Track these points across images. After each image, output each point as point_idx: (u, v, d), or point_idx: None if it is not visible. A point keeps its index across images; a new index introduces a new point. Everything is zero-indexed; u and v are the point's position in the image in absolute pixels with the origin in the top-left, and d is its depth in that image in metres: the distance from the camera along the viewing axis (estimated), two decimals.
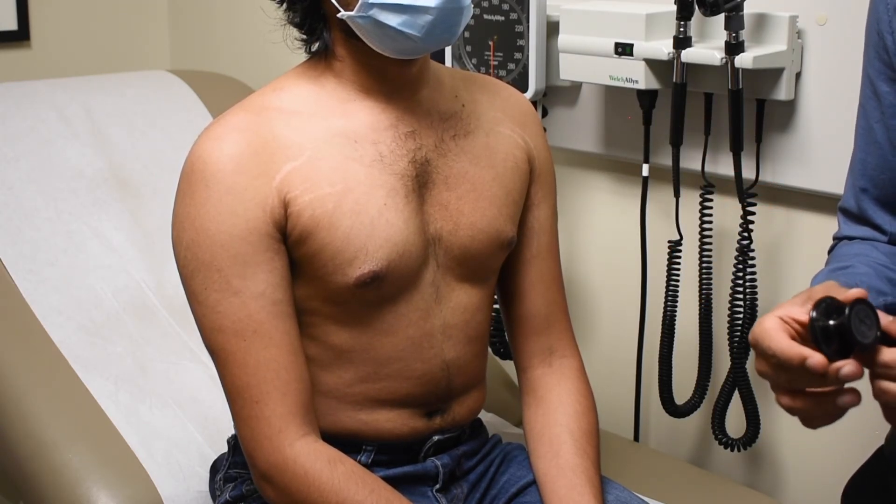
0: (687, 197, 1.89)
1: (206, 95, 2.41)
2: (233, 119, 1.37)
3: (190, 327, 2.03)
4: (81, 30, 2.84)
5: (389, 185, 1.38)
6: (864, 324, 1.04)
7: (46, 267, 2.04)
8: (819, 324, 1.04)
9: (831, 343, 1.04)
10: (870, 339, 1.04)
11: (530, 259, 1.54)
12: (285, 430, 1.35)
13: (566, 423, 1.51)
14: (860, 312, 1.04)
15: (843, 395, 1.07)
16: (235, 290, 1.34)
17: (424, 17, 1.30)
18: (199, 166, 1.34)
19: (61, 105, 2.26)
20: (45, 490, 1.74)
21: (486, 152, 1.47)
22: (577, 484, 1.46)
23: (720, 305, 1.88)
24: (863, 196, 1.36)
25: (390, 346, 1.43)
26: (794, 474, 1.94)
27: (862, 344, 1.04)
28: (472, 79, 1.54)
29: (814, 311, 1.05)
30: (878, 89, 1.32)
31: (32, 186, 2.12)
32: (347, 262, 1.36)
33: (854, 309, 1.03)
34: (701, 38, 1.80)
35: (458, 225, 1.44)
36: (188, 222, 1.35)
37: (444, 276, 1.45)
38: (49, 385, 1.87)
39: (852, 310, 1.03)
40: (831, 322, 1.04)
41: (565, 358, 1.57)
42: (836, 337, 1.04)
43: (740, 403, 1.87)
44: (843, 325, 1.03)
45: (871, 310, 1.05)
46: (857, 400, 1.07)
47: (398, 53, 1.35)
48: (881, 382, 1.06)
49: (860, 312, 1.04)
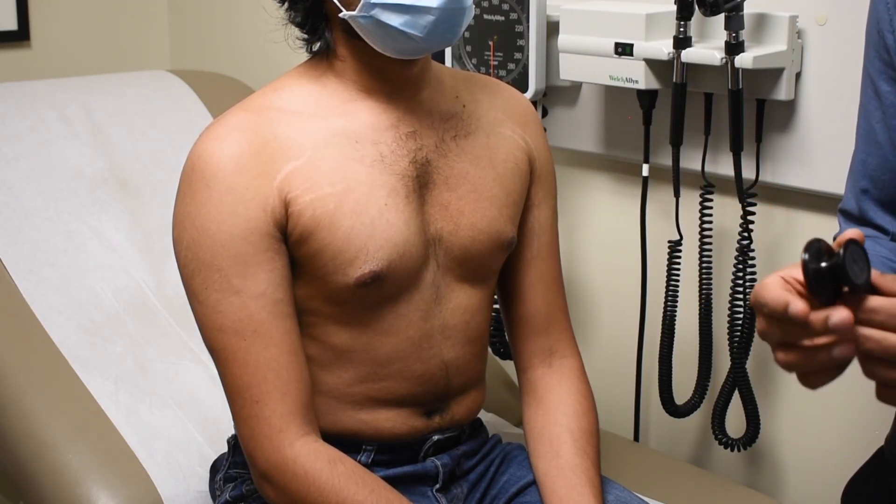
0: (687, 197, 1.89)
1: (206, 95, 2.41)
2: (233, 119, 1.37)
3: (190, 327, 2.03)
4: (81, 30, 2.84)
5: (390, 185, 1.38)
6: (856, 264, 1.01)
7: (46, 267, 2.04)
8: (812, 266, 1.00)
9: (824, 285, 1.01)
10: (862, 280, 1.01)
11: (531, 260, 1.54)
12: (285, 429, 1.35)
13: (566, 423, 1.51)
14: (854, 253, 1.01)
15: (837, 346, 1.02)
16: (236, 289, 1.34)
17: (426, 17, 1.30)
18: (199, 166, 1.34)
19: (61, 105, 2.26)
20: (45, 490, 1.74)
21: (487, 153, 1.47)
22: (577, 484, 1.46)
23: (720, 305, 1.88)
24: (863, 197, 1.36)
25: (390, 347, 1.43)
26: (794, 474, 1.94)
27: (855, 284, 1.00)
28: (473, 79, 1.54)
29: (805, 253, 1.01)
30: (879, 89, 1.31)
31: (32, 186, 2.12)
32: (348, 262, 1.36)
33: (848, 249, 1.00)
34: (701, 38, 1.80)
35: (458, 225, 1.44)
36: (189, 222, 1.35)
37: (445, 277, 1.45)
38: (49, 385, 1.87)
39: (846, 249, 1.00)
40: (823, 263, 1.00)
41: (565, 358, 1.56)
42: (828, 279, 1.00)
43: (740, 403, 1.87)
44: (837, 265, 1.00)
45: (863, 252, 1.02)
46: (852, 351, 1.02)
47: (400, 53, 1.35)
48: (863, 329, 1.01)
49: (854, 253, 1.01)
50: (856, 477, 1.46)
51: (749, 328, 1.82)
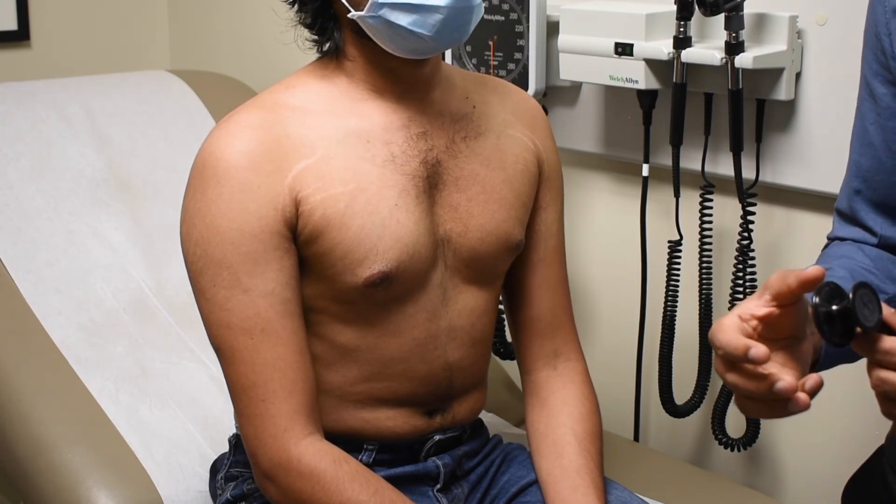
0: (687, 197, 1.89)
1: (206, 95, 2.41)
2: (246, 116, 1.37)
3: (190, 327, 2.04)
4: (81, 30, 2.84)
5: (401, 185, 1.38)
6: (867, 307, 1.03)
7: (46, 267, 2.04)
8: (822, 309, 1.03)
9: (835, 328, 1.04)
10: (873, 322, 1.03)
11: (537, 262, 1.54)
12: (291, 428, 1.35)
13: (571, 425, 1.51)
14: (864, 296, 1.03)
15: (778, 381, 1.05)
16: (245, 287, 1.33)
17: (435, 16, 1.30)
18: (211, 162, 1.34)
19: (61, 105, 2.26)
20: (45, 490, 1.74)
21: (497, 154, 1.46)
22: (580, 485, 1.46)
23: (720, 305, 1.88)
24: (856, 197, 1.36)
25: (395, 347, 1.43)
26: (794, 474, 1.94)
27: (865, 327, 1.03)
28: (483, 81, 1.53)
29: (815, 296, 1.04)
30: (875, 91, 1.32)
31: (32, 186, 2.12)
32: (357, 261, 1.36)
33: (858, 292, 1.03)
34: (701, 38, 1.80)
35: (467, 227, 1.43)
36: (199, 218, 1.34)
37: (452, 278, 1.45)
38: (49, 385, 1.87)
39: (856, 293, 1.03)
40: (834, 307, 1.03)
41: (570, 361, 1.56)
42: (839, 322, 1.03)
43: None
44: (847, 309, 1.03)
45: (873, 294, 1.05)
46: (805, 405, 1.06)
47: (409, 53, 1.35)
48: (880, 371, 1.04)
49: (864, 296, 1.03)
50: (855, 476, 1.46)
51: None
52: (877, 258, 1.33)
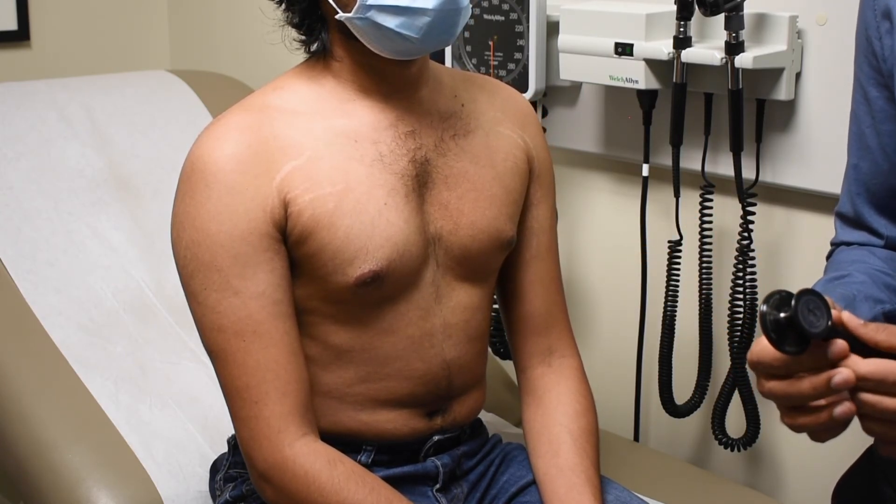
0: (687, 197, 1.89)
1: (206, 95, 2.41)
2: (233, 118, 1.37)
3: (190, 327, 2.03)
4: (81, 30, 2.84)
5: (390, 184, 1.38)
6: (812, 314, 1.01)
7: (46, 267, 2.04)
8: (770, 317, 1.02)
9: (785, 336, 1.02)
10: (819, 329, 1.01)
11: (530, 259, 1.54)
12: (285, 430, 1.35)
13: (566, 422, 1.51)
14: (809, 302, 1.01)
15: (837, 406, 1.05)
16: (235, 290, 1.34)
17: (422, 18, 1.30)
18: (199, 166, 1.34)
19: (61, 105, 2.27)
20: (45, 490, 1.74)
21: (486, 152, 1.47)
22: (576, 483, 1.46)
23: (720, 305, 1.88)
24: (858, 200, 1.36)
25: (390, 346, 1.43)
26: (794, 474, 1.94)
27: (811, 334, 1.01)
28: (472, 79, 1.54)
29: (764, 304, 1.03)
30: (868, 94, 1.32)
31: (32, 186, 2.12)
32: (348, 261, 1.36)
33: (802, 299, 1.01)
34: (701, 38, 1.80)
35: (458, 224, 1.44)
36: (188, 222, 1.34)
37: (444, 276, 1.45)
38: (49, 385, 1.87)
39: (800, 299, 1.01)
40: (782, 314, 1.02)
41: (565, 358, 1.56)
42: (788, 329, 1.02)
43: (740, 403, 1.87)
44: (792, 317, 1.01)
45: (821, 300, 1.02)
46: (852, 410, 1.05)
47: (396, 54, 1.35)
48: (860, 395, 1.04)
49: (809, 302, 1.01)
50: (845, 476, 1.46)
51: (749, 328, 1.82)
52: (888, 259, 1.33)
